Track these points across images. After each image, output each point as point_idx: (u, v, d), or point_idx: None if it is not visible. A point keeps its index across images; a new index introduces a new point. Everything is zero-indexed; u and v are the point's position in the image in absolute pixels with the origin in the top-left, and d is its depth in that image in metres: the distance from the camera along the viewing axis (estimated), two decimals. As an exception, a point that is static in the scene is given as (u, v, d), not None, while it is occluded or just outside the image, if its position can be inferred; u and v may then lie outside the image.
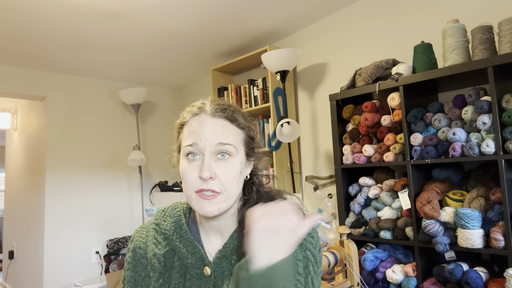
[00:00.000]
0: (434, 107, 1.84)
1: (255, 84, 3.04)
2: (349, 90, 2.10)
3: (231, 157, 0.76)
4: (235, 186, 0.76)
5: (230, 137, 0.76)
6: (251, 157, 0.82)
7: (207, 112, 0.78)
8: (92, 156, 3.71)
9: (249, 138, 0.81)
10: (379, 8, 2.38)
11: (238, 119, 0.79)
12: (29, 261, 3.73)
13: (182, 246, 0.81)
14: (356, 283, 1.63)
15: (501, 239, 1.50)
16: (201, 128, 0.76)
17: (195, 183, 0.74)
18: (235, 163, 0.76)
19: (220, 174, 0.74)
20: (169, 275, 0.81)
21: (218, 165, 0.75)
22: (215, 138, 0.75)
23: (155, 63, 3.48)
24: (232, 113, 0.78)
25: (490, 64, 1.55)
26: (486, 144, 1.57)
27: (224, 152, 0.75)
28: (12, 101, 4.34)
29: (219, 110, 0.78)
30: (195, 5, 2.40)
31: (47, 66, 3.40)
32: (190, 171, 0.75)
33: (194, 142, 0.75)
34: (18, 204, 4.21)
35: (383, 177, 2.05)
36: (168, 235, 0.83)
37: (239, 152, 0.78)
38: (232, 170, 0.75)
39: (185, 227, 0.82)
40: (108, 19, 2.52)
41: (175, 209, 0.87)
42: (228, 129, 0.77)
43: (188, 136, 0.77)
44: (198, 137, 0.75)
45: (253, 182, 0.85)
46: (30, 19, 2.46)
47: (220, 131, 0.76)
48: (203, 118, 0.78)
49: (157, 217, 0.88)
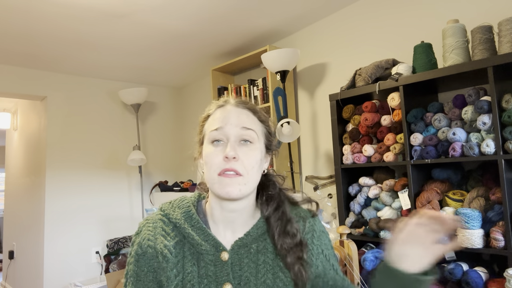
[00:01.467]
0: (434, 107, 1.84)
1: (255, 84, 3.04)
2: (349, 90, 2.10)
3: (253, 144, 0.82)
4: (256, 172, 0.82)
5: (253, 124, 0.84)
6: (269, 151, 0.88)
7: (232, 103, 0.86)
8: (92, 156, 3.71)
9: (268, 131, 0.88)
10: (379, 8, 2.38)
11: (259, 112, 0.87)
12: (29, 261, 3.73)
13: (194, 233, 0.82)
14: (356, 283, 1.63)
15: (501, 239, 1.50)
16: (227, 114, 0.83)
17: (218, 165, 0.79)
18: (256, 149, 0.82)
19: (242, 157, 0.80)
20: (181, 265, 0.81)
21: (241, 149, 0.81)
22: (240, 122, 0.82)
23: (155, 63, 3.48)
24: (254, 107, 0.87)
25: (490, 64, 1.55)
26: (486, 144, 1.57)
27: (247, 138, 0.81)
28: (12, 101, 4.34)
29: (243, 102, 0.86)
30: (195, 6, 2.40)
31: (47, 66, 3.40)
32: (215, 154, 0.80)
33: (220, 126, 0.81)
34: (18, 204, 4.21)
35: (383, 177, 2.05)
36: (179, 224, 0.84)
37: (260, 141, 0.84)
38: (253, 155, 0.81)
39: (195, 216, 0.85)
40: (108, 19, 2.52)
41: (183, 201, 0.90)
42: (251, 118, 0.84)
43: (214, 122, 0.83)
44: (224, 122, 0.81)
45: (271, 180, 0.91)
46: (30, 19, 2.46)
47: (244, 117, 0.83)
48: (228, 108, 0.85)
49: (164, 208, 0.89)
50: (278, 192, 0.90)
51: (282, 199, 0.89)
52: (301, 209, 0.92)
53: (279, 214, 0.86)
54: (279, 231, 0.83)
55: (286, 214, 0.87)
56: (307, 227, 0.88)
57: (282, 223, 0.85)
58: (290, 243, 0.82)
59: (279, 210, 0.87)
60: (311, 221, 0.89)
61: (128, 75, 3.80)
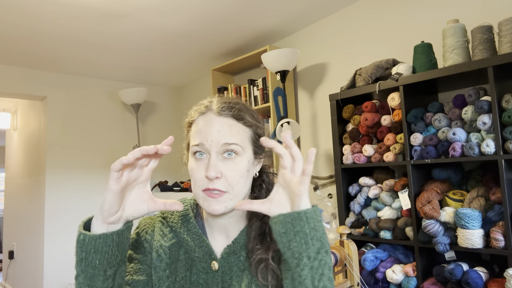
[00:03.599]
0: (434, 107, 1.84)
1: (255, 84, 3.04)
2: (349, 90, 2.10)
3: (238, 156, 0.76)
4: (242, 185, 0.77)
5: (236, 136, 0.76)
6: (260, 155, 0.82)
7: (214, 111, 0.78)
8: (92, 156, 3.71)
9: (256, 136, 0.81)
10: (379, 8, 2.38)
11: (244, 117, 0.79)
12: (29, 261, 3.73)
13: (189, 239, 0.81)
14: (356, 283, 1.63)
15: (501, 239, 1.50)
16: (207, 128, 0.76)
17: (202, 182, 0.75)
18: (241, 162, 0.76)
19: (226, 173, 0.75)
20: (175, 267, 0.80)
21: (225, 164, 0.75)
22: (221, 138, 0.75)
23: (155, 63, 3.48)
24: (239, 112, 0.78)
25: (490, 64, 1.55)
26: (486, 144, 1.57)
27: (230, 151, 0.75)
28: (12, 101, 4.34)
29: (226, 108, 0.78)
30: (195, 5, 2.40)
31: (47, 66, 3.40)
32: (198, 170, 0.76)
33: (201, 142, 0.76)
34: (18, 204, 4.21)
35: (383, 177, 2.05)
36: (176, 227, 0.83)
37: (246, 151, 0.78)
38: (238, 169, 0.76)
39: (192, 220, 0.83)
40: (108, 19, 2.52)
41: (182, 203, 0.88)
42: (234, 128, 0.77)
43: (195, 135, 0.78)
44: (204, 137, 0.75)
45: (263, 180, 0.86)
46: (30, 19, 2.46)
47: (226, 130, 0.76)
48: (209, 117, 0.78)
49: (163, 211, 0.88)
50: (265, 193, 0.84)
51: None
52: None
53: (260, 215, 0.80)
54: (256, 232, 0.79)
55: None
56: None
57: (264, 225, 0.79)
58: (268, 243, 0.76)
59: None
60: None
61: (128, 75, 3.80)
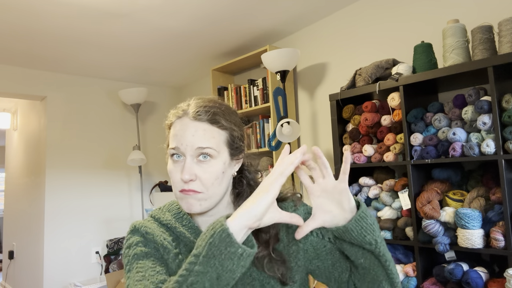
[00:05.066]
0: (434, 107, 1.84)
1: (255, 84, 3.04)
2: (349, 90, 2.10)
3: (212, 159, 0.79)
4: (217, 186, 0.79)
5: (210, 140, 0.78)
6: (236, 156, 0.84)
7: (189, 115, 0.80)
8: (92, 156, 3.71)
9: (232, 138, 0.82)
10: (379, 8, 2.38)
11: (220, 121, 0.80)
12: (29, 261, 3.73)
13: (186, 231, 0.83)
14: (356, 283, 1.63)
15: (501, 239, 1.50)
16: (183, 132, 0.79)
17: (179, 183, 0.79)
18: (216, 165, 0.79)
19: (201, 175, 0.78)
20: (181, 259, 0.81)
21: (200, 166, 0.78)
22: (195, 143, 0.78)
23: (155, 63, 3.48)
24: (214, 116, 0.80)
25: (490, 64, 1.55)
26: (486, 144, 1.57)
27: (205, 154, 0.78)
28: (12, 101, 4.34)
29: (202, 112, 0.80)
30: (195, 5, 2.40)
31: (47, 66, 3.40)
32: (175, 172, 0.79)
33: (176, 146, 0.79)
34: (18, 204, 4.20)
35: (383, 177, 2.05)
36: (170, 224, 0.84)
37: (221, 153, 0.80)
38: (212, 171, 0.78)
39: (186, 216, 0.85)
40: (108, 18, 2.52)
41: (172, 205, 0.90)
42: (209, 132, 0.79)
43: (172, 139, 0.81)
44: (180, 141, 0.79)
45: (243, 176, 0.88)
46: (30, 18, 2.46)
47: (201, 134, 0.78)
48: (185, 121, 0.80)
49: (154, 214, 0.89)
50: (246, 188, 0.87)
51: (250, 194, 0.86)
52: (285, 204, 0.88)
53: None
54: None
55: None
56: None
57: None
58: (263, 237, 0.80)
59: None
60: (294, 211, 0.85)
61: (128, 75, 3.80)
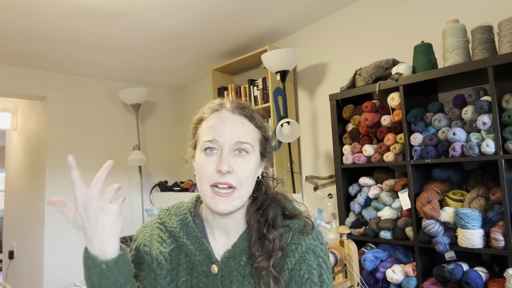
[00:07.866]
0: (434, 107, 1.84)
1: (255, 84, 3.04)
2: (349, 90, 2.10)
3: (248, 155, 0.79)
4: (250, 183, 0.79)
5: (248, 135, 0.79)
6: (264, 157, 0.84)
7: (228, 108, 0.81)
8: (92, 156, 3.70)
9: (264, 138, 0.83)
10: (379, 8, 2.38)
11: (256, 118, 0.82)
12: (29, 261, 3.73)
13: (189, 243, 0.81)
14: (356, 283, 1.63)
15: (501, 239, 1.50)
16: (221, 124, 0.78)
17: (211, 177, 0.76)
18: (251, 161, 0.79)
19: (237, 169, 0.76)
20: (176, 273, 0.80)
21: (236, 160, 0.77)
22: (234, 136, 0.77)
23: (155, 63, 3.48)
24: (251, 112, 0.82)
25: (490, 64, 1.55)
26: (486, 144, 1.57)
27: (241, 149, 0.78)
28: (12, 101, 4.34)
29: (239, 107, 0.81)
30: (195, 5, 2.40)
31: (47, 66, 3.40)
32: (208, 165, 0.77)
33: (214, 138, 0.77)
34: (18, 204, 4.20)
35: (383, 177, 2.05)
36: (175, 232, 0.83)
37: (255, 151, 0.81)
38: (248, 166, 0.78)
39: (191, 224, 0.84)
40: (108, 19, 2.52)
41: (180, 208, 0.88)
42: (247, 127, 0.80)
43: (208, 131, 0.79)
44: (218, 134, 0.77)
45: (261, 182, 0.87)
46: (30, 19, 2.46)
47: (239, 128, 0.78)
48: (223, 114, 0.80)
49: (161, 216, 0.88)
50: (264, 195, 0.85)
51: (268, 202, 0.83)
52: (295, 221, 0.83)
53: (259, 216, 0.81)
54: (256, 236, 0.79)
55: (268, 217, 0.81)
56: (293, 238, 0.79)
57: (260, 226, 0.80)
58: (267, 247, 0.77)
59: (259, 212, 0.82)
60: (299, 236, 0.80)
61: (128, 75, 3.80)
